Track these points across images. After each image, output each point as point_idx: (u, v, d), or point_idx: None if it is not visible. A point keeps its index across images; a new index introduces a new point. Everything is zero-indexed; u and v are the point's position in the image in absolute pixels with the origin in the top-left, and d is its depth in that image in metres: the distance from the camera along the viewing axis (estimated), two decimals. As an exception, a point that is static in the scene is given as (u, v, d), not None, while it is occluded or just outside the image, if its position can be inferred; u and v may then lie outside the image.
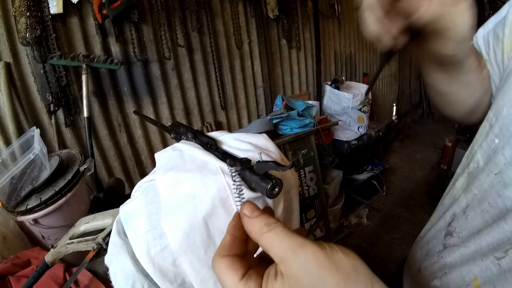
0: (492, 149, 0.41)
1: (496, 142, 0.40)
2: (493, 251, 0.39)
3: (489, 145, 0.42)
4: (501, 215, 0.38)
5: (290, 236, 0.24)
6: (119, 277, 0.42)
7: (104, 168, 1.83)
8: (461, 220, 0.47)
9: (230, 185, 0.40)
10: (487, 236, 0.40)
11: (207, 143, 0.47)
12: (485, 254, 0.40)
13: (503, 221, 0.37)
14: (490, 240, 0.40)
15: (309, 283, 0.22)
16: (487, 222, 0.40)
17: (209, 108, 2.20)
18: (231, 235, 0.29)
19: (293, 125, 2.17)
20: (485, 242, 0.41)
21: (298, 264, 0.22)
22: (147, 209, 0.43)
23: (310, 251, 0.23)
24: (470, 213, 0.45)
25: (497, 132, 0.40)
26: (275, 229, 0.25)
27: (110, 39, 1.70)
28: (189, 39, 1.98)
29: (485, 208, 0.41)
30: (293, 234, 0.25)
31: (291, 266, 0.23)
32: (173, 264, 0.40)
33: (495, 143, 0.40)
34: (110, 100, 1.78)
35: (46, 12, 1.45)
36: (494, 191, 0.39)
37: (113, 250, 0.44)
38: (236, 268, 0.25)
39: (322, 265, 0.22)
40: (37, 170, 1.05)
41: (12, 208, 1.01)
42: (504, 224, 0.37)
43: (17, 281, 0.77)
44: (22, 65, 1.51)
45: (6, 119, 1.46)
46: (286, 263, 0.23)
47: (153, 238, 0.40)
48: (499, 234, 0.38)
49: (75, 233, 0.85)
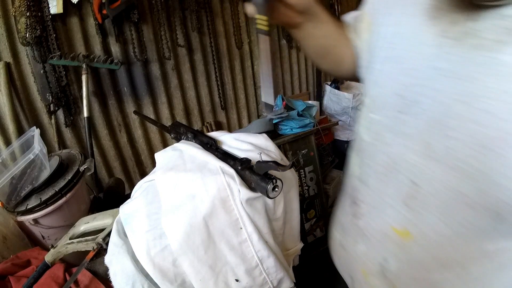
0: (369, 122, 0.51)
1: (371, 116, 0.50)
2: (397, 199, 0.47)
3: (366, 120, 0.52)
4: (392, 169, 0.47)
5: None
6: (119, 277, 0.42)
7: (104, 168, 1.83)
8: (362, 188, 0.55)
9: (230, 185, 0.40)
10: (388, 189, 0.49)
11: (207, 143, 0.48)
12: (392, 205, 0.48)
13: (395, 172, 0.47)
14: (391, 191, 0.48)
15: None
16: (384, 180, 0.49)
17: (209, 108, 2.20)
18: None
19: (293, 125, 2.17)
20: (388, 196, 0.49)
21: None
22: (147, 209, 0.43)
23: None
24: (368, 180, 0.54)
25: (373, 108, 0.51)
26: None
27: (110, 39, 1.70)
28: (189, 39, 1.98)
29: (379, 170, 0.50)
30: None
31: None
32: (173, 264, 0.40)
33: (370, 117, 0.51)
34: (110, 100, 1.78)
35: (46, 12, 1.45)
36: (381, 153, 0.49)
37: (113, 250, 0.44)
38: None
39: None
40: (37, 170, 1.05)
41: (12, 208, 1.01)
42: (396, 174, 0.46)
43: (17, 281, 0.77)
44: (22, 65, 1.51)
45: (6, 119, 1.46)
46: None
47: (153, 238, 0.40)
48: (396, 184, 0.47)
49: (75, 233, 0.85)
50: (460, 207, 0.39)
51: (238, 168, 0.41)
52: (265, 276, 0.43)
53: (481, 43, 0.36)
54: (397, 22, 0.46)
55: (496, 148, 0.34)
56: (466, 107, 0.37)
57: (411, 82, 0.43)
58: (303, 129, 2.13)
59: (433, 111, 0.40)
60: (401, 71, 0.44)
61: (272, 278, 0.43)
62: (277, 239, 0.45)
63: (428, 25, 0.41)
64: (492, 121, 0.35)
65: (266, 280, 0.43)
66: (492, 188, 0.36)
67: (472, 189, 0.37)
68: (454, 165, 0.38)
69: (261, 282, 0.43)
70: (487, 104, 0.35)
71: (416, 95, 0.42)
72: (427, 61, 0.41)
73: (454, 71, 0.38)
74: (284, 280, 0.45)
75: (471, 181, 0.37)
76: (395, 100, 0.45)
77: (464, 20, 0.37)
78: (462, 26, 0.37)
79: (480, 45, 0.36)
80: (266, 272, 0.42)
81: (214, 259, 0.40)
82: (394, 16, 0.47)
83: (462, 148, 0.37)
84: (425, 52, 0.41)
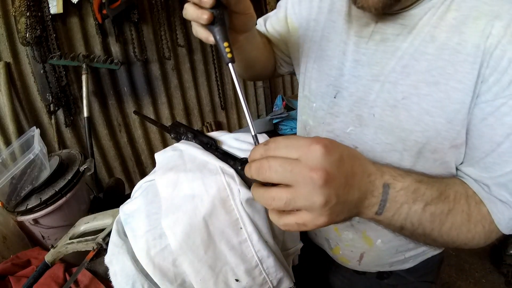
0: (312, 110, 0.62)
1: (314, 105, 0.61)
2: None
3: (311, 109, 0.62)
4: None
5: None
6: (119, 277, 0.42)
7: (104, 168, 1.83)
8: None
9: (230, 185, 0.40)
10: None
11: (207, 143, 0.47)
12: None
13: (339, 142, 0.54)
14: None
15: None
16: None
17: (209, 108, 2.20)
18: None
19: (293, 125, 2.17)
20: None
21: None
22: (147, 209, 0.43)
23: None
24: None
25: (313, 99, 0.61)
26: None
27: (110, 39, 1.70)
28: (189, 39, 1.98)
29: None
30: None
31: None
32: (173, 264, 0.40)
33: (314, 106, 0.61)
34: (110, 100, 1.78)
35: (46, 12, 1.45)
36: (325, 131, 0.59)
37: (113, 250, 0.44)
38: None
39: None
40: (37, 170, 1.05)
41: (12, 208, 1.01)
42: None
43: (17, 281, 0.77)
44: (22, 65, 1.51)
45: (6, 119, 1.46)
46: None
47: (153, 238, 0.40)
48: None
49: (75, 233, 0.85)
50: (390, 154, 0.52)
51: (238, 168, 0.41)
52: (265, 276, 0.43)
53: (386, 37, 0.49)
54: (324, 27, 0.58)
55: (401, 105, 0.48)
56: (380, 84, 0.50)
57: (338, 73, 0.55)
58: (303, 129, 2.13)
59: (357, 92, 0.53)
60: (331, 67, 0.57)
61: (272, 278, 0.43)
62: (277, 239, 0.45)
63: (347, 28, 0.54)
64: (396, 88, 0.48)
65: (266, 280, 0.43)
66: (405, 133, 0.49)
67: (394, 138, 0.50)
68: (378, 125, 0.51)
69: (261, 282, 0.43)
70: (393, 78, 0.49)
71: (344, 82, 0.55)
72: (348, 56, 0.54)
73: (368, 60, 0.51)
74: (284, 280, 0.45)
75: (392, 132, 0.50)
76: (329, 90, 0.57)
77: (374, 23, 0.50)
78: (373, 27, 0.50)
79: (385, 39, 0.49)
80: (266, 272, 0.42)
81: (214, 259, 0.40)
82: (322, 23, 0.58)
83: (381, 112, 0.51)
84: (346, 49, 0.54)
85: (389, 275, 0.67)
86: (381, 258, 0.63)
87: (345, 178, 0.33)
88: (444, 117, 0.45)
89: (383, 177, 0.38)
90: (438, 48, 0.44)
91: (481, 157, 0.45)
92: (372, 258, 0.63)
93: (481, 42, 0.41)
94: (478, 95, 0.43)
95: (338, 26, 0.56)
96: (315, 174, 0.30)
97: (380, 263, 0.64)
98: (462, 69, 0.43)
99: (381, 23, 0.50)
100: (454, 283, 1.64)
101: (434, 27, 0.45)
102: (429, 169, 0.51)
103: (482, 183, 0.45)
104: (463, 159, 0.49)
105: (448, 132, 0.46)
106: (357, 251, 0.64)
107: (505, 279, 1.58)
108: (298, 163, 0.31)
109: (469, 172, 0.48)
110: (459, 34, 0.43)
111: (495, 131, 0.42)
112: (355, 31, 0.53)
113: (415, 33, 0.46)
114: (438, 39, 0.44)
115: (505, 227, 0.44)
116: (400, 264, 0.64)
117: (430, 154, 0.49)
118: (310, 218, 0.32)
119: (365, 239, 0.61)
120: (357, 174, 0.35)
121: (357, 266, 0.66)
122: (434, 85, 0.45)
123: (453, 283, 1.64)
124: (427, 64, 0.45)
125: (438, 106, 0.45)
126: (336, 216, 0.33)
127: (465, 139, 0.47)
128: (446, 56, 0.44)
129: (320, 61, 0.59)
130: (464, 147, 0.48)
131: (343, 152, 0.34)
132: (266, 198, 0.32)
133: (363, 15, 0.51)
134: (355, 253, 0.64)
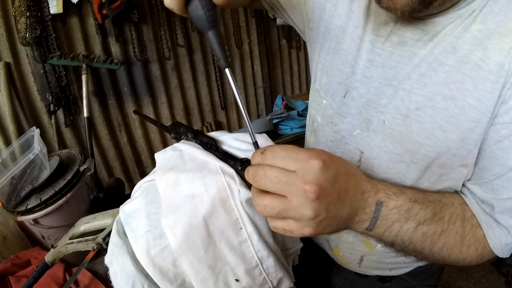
0: (322, 107, 0.60)
1: (324, 102, 0.59)
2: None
3: (320, 106, 0.60)
4: (342, 142, 0.57)
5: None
6: (119, 277, 0.42)
7: (104, 168, 1.83)
8: None
9: (230, 185, 0.40)
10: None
11: (207, 143, 0.47)
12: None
13: (344, 144, 0.56)
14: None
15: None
16: (336, 151, 0.58)
17: (209, 108, 2.20)
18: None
19: (293, 125, 2.17)
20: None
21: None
22: (147, 209, 0.43)
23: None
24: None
25: (323, 95, 0.59)
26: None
27: (110, 39, 1.70)
28: (189, 39, 1.98)
29: (330, 144, 0.59)
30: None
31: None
32: (173, 264, 0.40)
33: (324, 103, 0.59)
34: (110, 100, 1.78)
35: (46, 12, 1.45)
36: (332, 131, 0.58)
37: (113, 250, 0.44)
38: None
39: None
40: (37, 170, 1.05)
41: (12, 208, 1.01)
42: (345, 145, 0.56)
43: (17, 281, 0.77)
44: (22, 65, 1.51)
45: (6, 119, 1.46)
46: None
47: (153, 238, 0.40)
48: (346, 153, 0.56)
49: (75, 233, 0.85)
50: (396, 165, 0.50)
51: (238, 168, 0.41)
52: (265, 276, 0.43)
53: (404, 41, 0.46)
54: (342, 16, 0.53)
55: (414, 116, 0.46)
56: (393, 89, 0.47)
57: (351, 71, 0.52)
58: (303, 129, 2.13)
59: (368, 94, 0.50)
60: (344, 62, 0.53)
61: (272, 278, 0.43)
62: (277, 239, 0.45)
63: (364, 22, 0.50)
64: (410, 97, 0.46)
65: (266, 280, 0.43)
66: (415, 146, 0.47)
67: (403, 149, 0.48)
68: (387, 133, 0.49)
69: (261, 282, 0.43)
70: (407, 85, 0.46)
71: (355, 82, 0.52)
72: (362, 54, 0.50)
73: (382, 62, 0.48)
74: (284, 280, 0.45)
75: (401, 143, 0.48)
76: (340, 88, 0.54)
77: (394, 22, 0.47)
78: (391, 27, 0.47)
79: (403, 42, 0.46)
80: (266, 272, 0.42)
81: (214, 259, 0.40)
82: (340, 10, 0.53)
83: (392, 120, 0.48)
84: (361, 46, 0.51)
85: (391, 279, 0.67)
86: (381, 262, 0.63)
87: (338, 194, 0.34)
88: (457, 134, 0.43)
89: (377, 195, 0.39)
90: (459, 61, 0.42)
91: (490, 179, 0.44)
92: (372, 262, 0.63)
93: (506, 61, 0.39)
94: (495, 116, 0.41)
95: (356, 18, 0.52)
96: (309, 187, 0.31)
97: (380, 266, 0.64)
98: (483, 87, 0.40)
99: (400, 25, 0.46)
100: (454, 283, 1.64)
101: (457, 38, 0.42)
102: (433, 183, 0.49)
103: (486, 203, 0.45)
104: (471, 177, 0.47)
105: (459, 150, 0.44)
106: (357, 254, 0.63)
107: (505, 279, 1.59)
108: (294, 175, 0.32)
109: (474, 191, 0.47)
110: (484, 50, 0.40)
111: (508, 155, 0.41)
112: (373, 28, 0.49)
113: (436, 41, 0.43)
114: (460, 50, 0.42)
115: (501, 252, 0.44)
116: (400, 268, 0.64)
117: (438, 169, 0.48)
118: (296, 227, 0.34)
119: (365, 243, 0.61)
120: (350, 191, 0.36)
121: (357, 268, 0.66)
122: (451, 100, 0.43)
123: (453, 283, 1.64)
124: (445, 76, 0.43)
125: (452, 122, 0.43)
126: (323, 229, 0.35)
127: (476, 158, 0.45)
128: (466, 70, 0.41)
129: (334, 54, 0.55)
130: (473, 166, 0.46)
131: (340, 168, 0.35)
132: (259, 205, 0.34)
133: (383, 12, 0.48)
134: (355, 255, 0.64)
